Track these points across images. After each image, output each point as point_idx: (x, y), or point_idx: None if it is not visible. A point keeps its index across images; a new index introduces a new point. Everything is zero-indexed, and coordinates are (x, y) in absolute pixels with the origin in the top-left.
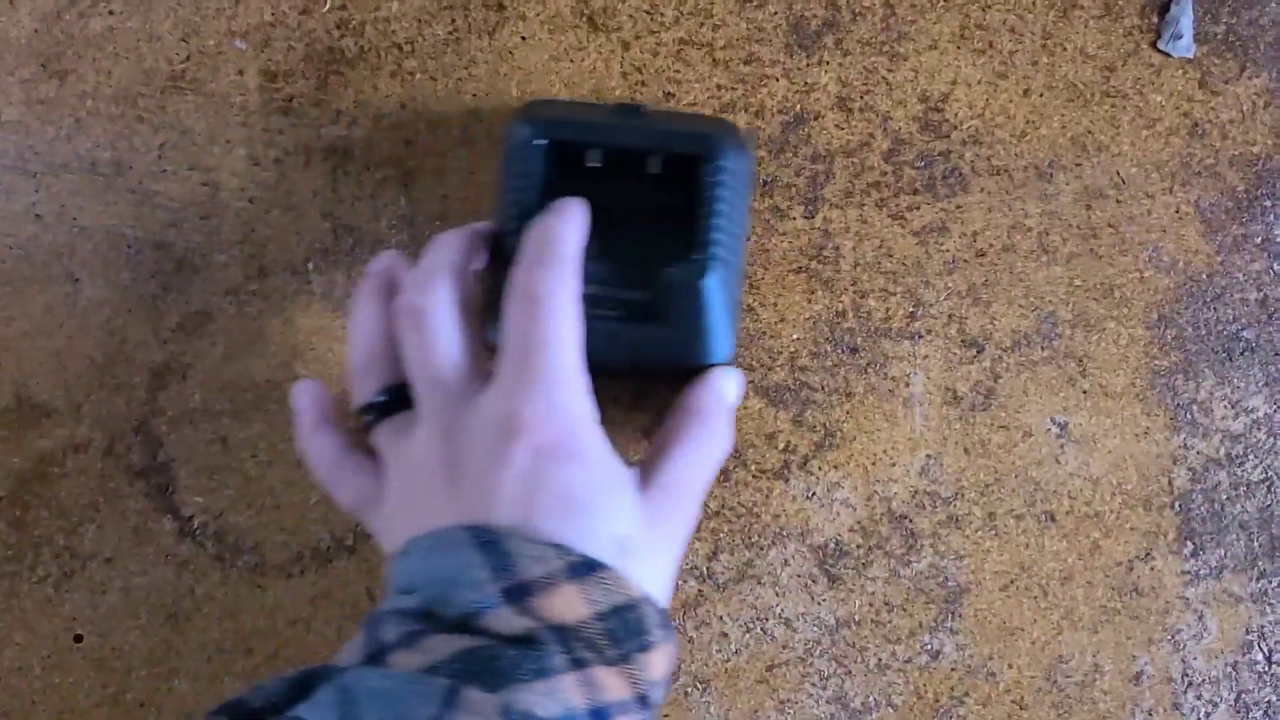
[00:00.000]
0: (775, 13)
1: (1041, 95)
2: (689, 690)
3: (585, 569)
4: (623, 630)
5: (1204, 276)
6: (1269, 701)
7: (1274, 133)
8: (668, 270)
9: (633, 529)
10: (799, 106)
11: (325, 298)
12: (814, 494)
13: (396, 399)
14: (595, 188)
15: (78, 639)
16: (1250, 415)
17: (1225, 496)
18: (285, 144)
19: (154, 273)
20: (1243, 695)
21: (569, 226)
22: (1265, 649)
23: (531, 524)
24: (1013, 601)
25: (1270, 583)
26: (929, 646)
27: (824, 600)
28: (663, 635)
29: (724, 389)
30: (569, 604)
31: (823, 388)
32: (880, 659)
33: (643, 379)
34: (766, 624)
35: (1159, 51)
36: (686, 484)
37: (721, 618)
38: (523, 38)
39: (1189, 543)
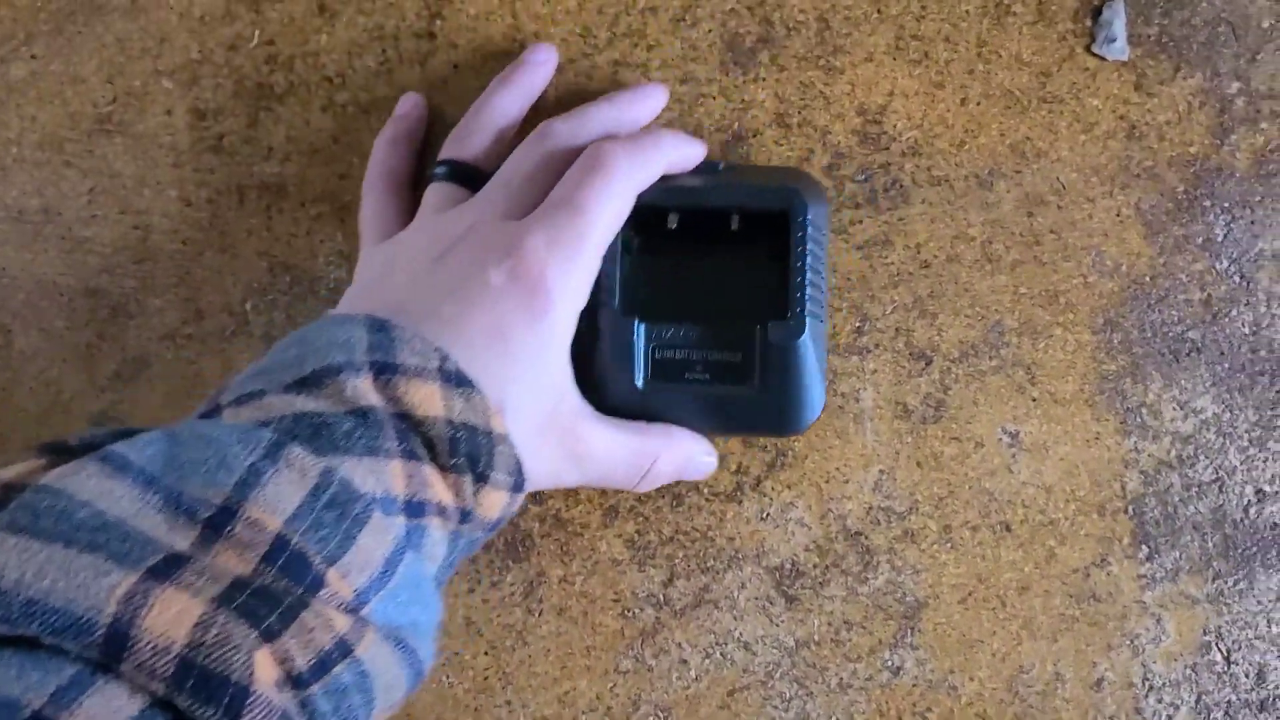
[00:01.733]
0: (709, 30)
1: (979, 104)
2: (650, 719)
3: (457, 380)
4: (467, 447)
5: (1147, 279)
6: (1229, 701)
7: (1210, 133)
8: (762, 331)
9: (527, 408)
10: (737, 124)
11: (264, 338)
12: (768, 515)
13: (468, 177)
14: (676, 248)
15: None
16: (1199, 416)
17: (1178, 498)
18: (217, 183)
19: (88, 320)
20: (1203, 697)
21: (669, 147)
22: (1223, 649)
23: (445, 326)
24: (971, 614)
25: (1225, 583)
26: (890, 663)
27: (782, 622)
28: (506, 481)
29: (699, 466)
30: (426, 399)
31: None
32: (841, 678)
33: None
34: (726, 648)
35: (1094, 55)
36: (608, 462)
37: (680, 644)
38: (455, 66)
39: (1144, 546)
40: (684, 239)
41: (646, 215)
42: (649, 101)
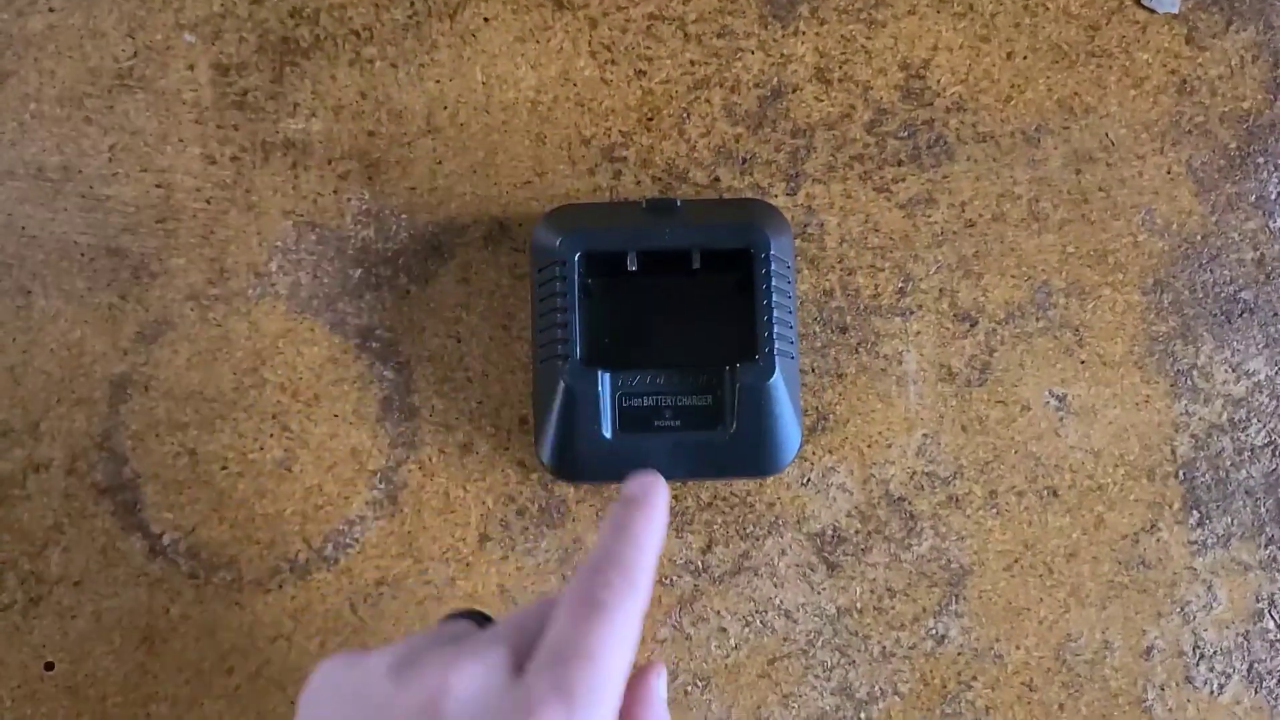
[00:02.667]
0: None
1: (1025, 58)
2: (689, 689)
3: None
4: None
5: (1199, 238)
6: None
7: (1264, 87)
8: (732, 373)
9: None
10: (776, 79)
11: (291, 298)
12: (809, 480)
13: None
14: (638, 292)
15: (48, 667)
16: (1251, 378)
17: (1229, 463)
18: (241, 140)
19: (110, 281)
20: (1255, 665)
21: (649, 524)
22: (1276, 617)
23: None
24: (1017, 581)
25: (1279, 549)
26: (934, 631)
27: (824, 589)
28: None
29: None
30: None
31: (813, 370)
32: (884, 646)
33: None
34: (766, 616)
35: (1144, 8)
36: None
37: (719, 612)
38: (485, 19)
39: (1195, 512)
40: (645, 282)
41: (604, 259)
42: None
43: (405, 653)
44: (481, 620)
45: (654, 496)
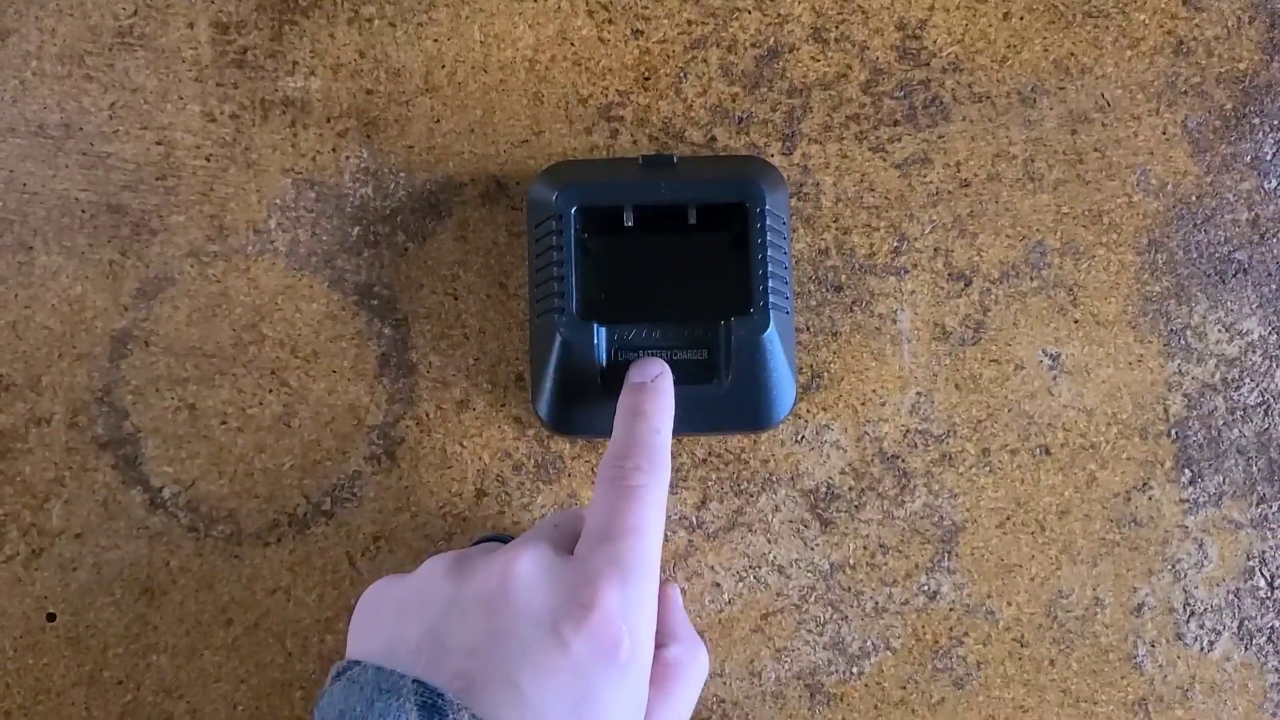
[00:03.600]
0: None
1: (1022, 18)
2: None
3: None
4: None
5: (1193, 198)
6: (1272, 627)
7: (1260, 48)
8: (727, 327)
9: None
10: (773, 39)
11: (290, 255)
12: (803, 437)
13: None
14: (633, 247)
15: (50, 618)
16: (1245, 338)
17: (1222, 422)
18: (240, 98)
19: (110, 237)
20: (1245, 622)
21: (663, 409)
22: (1267, 575)
23: (526, 701)
24: (1010, 538)
25: (1270, 508)
26: (926, 587)
27: (817, 545)
28: None
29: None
30: None
31: (808, 328)
32: (877, 602)
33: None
34: (759, 572)
35: None
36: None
37: (713, 567)
38: None
39: (1187, 470)
40: (641, 236)
41: (601, 214)
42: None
43: (456, 558)
44: (508, 541)
45: (661, 380)
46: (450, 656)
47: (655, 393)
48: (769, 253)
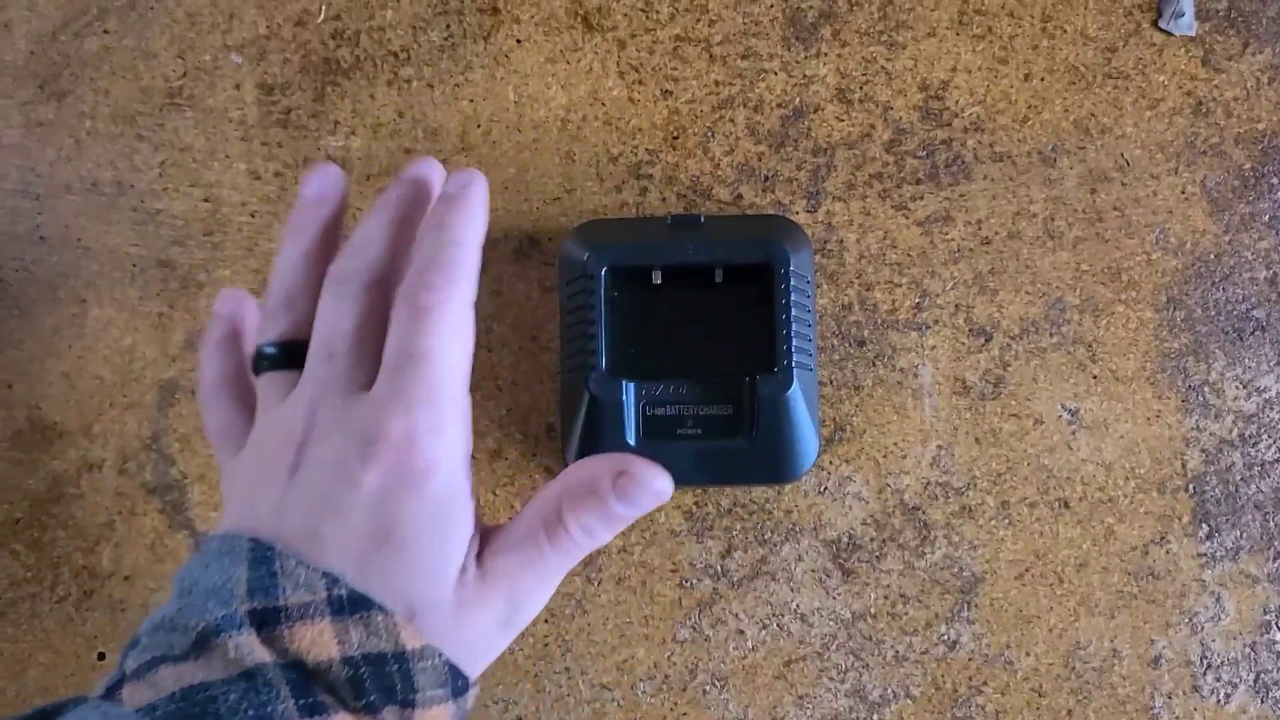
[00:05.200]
0: (771, 5)
1: (1043, 79)
2: (707, 688)
3: (351, 606)
4: (376, 681)
5: (1212, 256)
6: None
7: (1279, 109)
8: (752, 384)
9: (436, 594)
10: (798, 100)
11: None
12: (825, 488)
13: (292, 355)
14: (661, 305)
15: (101, 657)
16: (1263, 395)
17: (1239, 477)
18: (285, 157)
19: (159, 290)
20: (1261, 675)
21: (467, 219)
22: None
23: (328, 546)
24: (1028, 589)
25: None
26: (945, 637)
27: (839, 594)
28: (440, 694)
29: (641, 498)
30: (316, 642)
31: (831, 382)
32: (897, 651)
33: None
34: (782, 620)
35: (1160, 30)
36: (522, 586)
37: (737, 615)
38: (518, 40)
39: (1204, 525)
40: (669, 294)
41: (630, 273)
42: (420, 187)
43: (269, 434)
44: None
45: (469, 192)
46: (263, 515)
47: (456, 202)
48: (793, 312)
